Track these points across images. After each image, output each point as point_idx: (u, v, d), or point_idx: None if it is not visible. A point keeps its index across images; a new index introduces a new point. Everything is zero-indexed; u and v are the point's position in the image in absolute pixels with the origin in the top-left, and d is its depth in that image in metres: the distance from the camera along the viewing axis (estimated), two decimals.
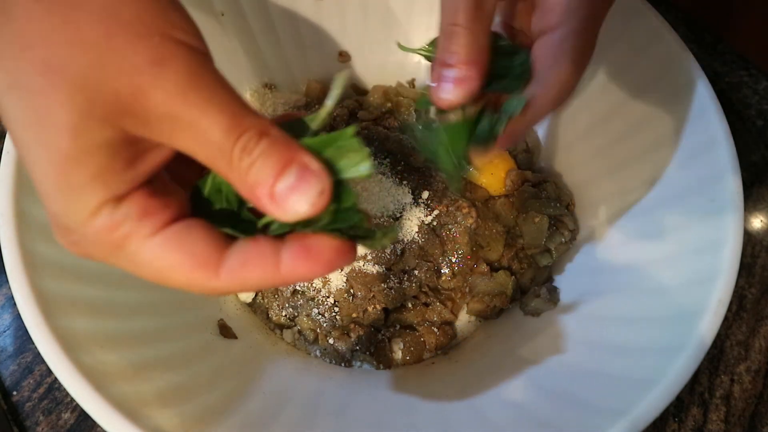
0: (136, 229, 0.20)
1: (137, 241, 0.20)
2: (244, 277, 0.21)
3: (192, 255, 0.20)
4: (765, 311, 0.49)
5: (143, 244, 0.20)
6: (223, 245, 0.21)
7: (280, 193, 0.20)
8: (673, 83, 0.39)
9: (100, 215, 0.19)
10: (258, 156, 0.19)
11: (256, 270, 0.21)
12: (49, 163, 0.19)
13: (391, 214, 0.46)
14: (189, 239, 0.21)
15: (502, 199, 0.48)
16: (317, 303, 0.45)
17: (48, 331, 0.30)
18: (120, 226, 0.20)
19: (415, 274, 0.46)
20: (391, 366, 0.46)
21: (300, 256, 0.21)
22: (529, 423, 0.35)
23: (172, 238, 0.20)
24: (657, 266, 0.39)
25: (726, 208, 0.35)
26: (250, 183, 0.20)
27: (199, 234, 0.21)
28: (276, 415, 0.37)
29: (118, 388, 0.30)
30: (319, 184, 0.20)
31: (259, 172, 0.20)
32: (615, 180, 0.45)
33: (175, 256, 0.20)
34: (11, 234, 0.32)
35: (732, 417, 0.46)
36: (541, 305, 0.45)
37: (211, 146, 0.19)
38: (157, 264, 0.20)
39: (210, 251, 0.21)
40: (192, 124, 0.19)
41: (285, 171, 0.20)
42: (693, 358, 0.32)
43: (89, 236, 0.20)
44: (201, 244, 0.21)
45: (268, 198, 0.20)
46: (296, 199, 0.20)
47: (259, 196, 0.20)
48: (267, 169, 0.20)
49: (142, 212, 0.20)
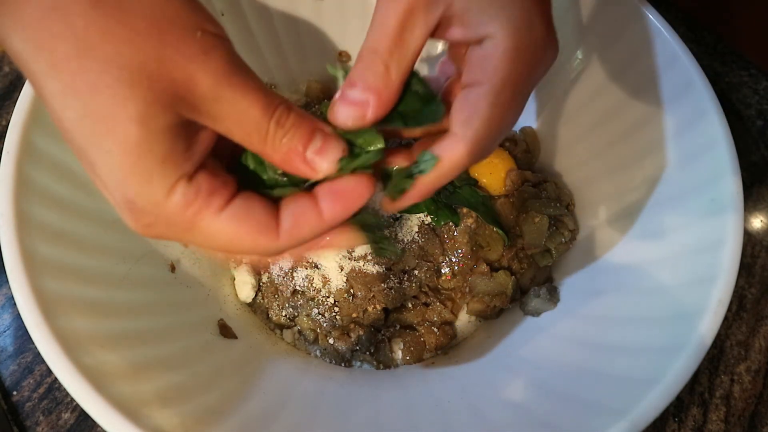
0: (207, 204, 0.22)
1: (209, 215, 0.23)
2: (299, 233, 0.24)
3: (256, 224, 0.23)
4: (765, 311, 0.49)
5: (215, 218, 0.23)
6: (274, 210, 0.24)
7: (311, 157, 0.24)
8: (673, 83, 0.39)
9: (175, 193, 0.22)
10: (290, 127, 0.23)
11: (307, 225, 0.24)
12: (121, 152, 0.20)
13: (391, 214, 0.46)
14: (250, 211, 0.23)
15: (502, 199, 0.48)
16: (317, 303, 0.45)
17: (48, 331, 0.30)
18: (193, 202, 0.22)
19: (415, 274, 0.46)
20: (391, 366, 0.46)
21: (335, 200, 0.24)
22: (529, 423, 0.35)
23: (238, 211, 0.23)
24: (657, 266, 0.39)
25: (726, 208, 0.35)
26: (284, 151, 0.23)
27: (256, 205, 0.24)
28: (276, 415, 0.37)
29: (118, 388, 0.30)
30: (339, 146, 0.24)
31: (291, 141, 0.23)
32: (615, 180, 0.45)
33: (242, 226, 0.23)
34: (11, 234, 0.32)
35: (732, 417, 0.46)
36: (541, 305, 0.45)
37: (249, 123, 0.22)
38: (227, 235, 0.23)
39: (268, 218, 0.24)
40: (235, 104, 0.22)
41: (312, 138, 0.24)
42: (693, 358, 0.32)
43: (165, 215, 0.22)
44: (260, 213, 0.24)
45: (301, 162, 0.24)
46: (322, 160, 0.24)
47: (294, 161, 0.24)
48: (297, 138, 0.23)
49: (211, 189, 0.22)
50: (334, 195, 0.25)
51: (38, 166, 0.34)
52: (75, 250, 0.35)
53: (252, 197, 0.24)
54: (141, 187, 0.21)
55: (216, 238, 0.23)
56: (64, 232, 0.35)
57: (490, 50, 0.25)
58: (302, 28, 0.51)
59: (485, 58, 0.25)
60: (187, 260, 0.45)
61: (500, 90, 0.25)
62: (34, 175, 0.34)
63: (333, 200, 0.25)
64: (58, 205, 0.35)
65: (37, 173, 0.34)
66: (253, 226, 0.23)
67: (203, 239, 0.23)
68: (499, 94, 0.25)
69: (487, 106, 0.25)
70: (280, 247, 0.24)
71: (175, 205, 0.22)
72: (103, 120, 0.20)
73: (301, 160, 0.24)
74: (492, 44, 0.25)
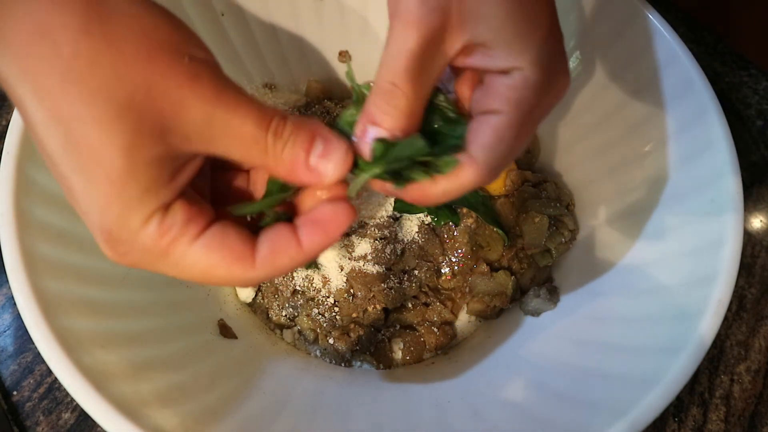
0: (181, 234, 0.22)
1: (183, 245, 0.22)
2: (275, 262, 0.24)
3: (231, 252, 0.23)
4: (765, 311, 0.49)
5: (188, 248, 0.23)
6: (252, 238, 0.24)
7: (315, 163, 0.24)
8: (673, 83, 0.39)
9: (151, 223, 0.22)
10: (288, 136, 0.23)
11: (284, 254, 0.24)
12: (104, 182, 0.20)
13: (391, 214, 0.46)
14: (225, 239, 0.23)
15: (502, 199, 0.48)
16: (317, 303, 0.45)
17: (48, 331, 0.30)
18: (168, 232, 0.22)
19: (415, 274, 0.46)
20: (391, 366, 0.46)
21: (314, 229, 0.24)
22: (529, 423, 0.35)
23: (212, 240, 0.23)
24: (657, 266, 0.39)
25: (726, 208, 0.35)
26: (287, 161, 0.23)
27: (232, 233, 0.23)
28: (276, 415, 0.37)
29: (118, 388, 0.30)
30: (342, 147, 0.24)
31: (292, 149, 0.23)
32: (615, 180, 0.45)
33: (216, 255, 0.23)
34: (11, 234, 0.32)
35: (732, 417, 0.46)
36: (541, 305, 0.45)
37: (246, 139, 0.22)
38: (201, 264, 0.23)
39: (243, 247, 0.24)
40: (228, 125, 0.22)
41: (313, 144, 0.24)
42: (693, 358, 0.32)
43: (140, 245, 0.22)
44: (235, 242, 0.23)
45: (306, 170, 0.24)
46: (327, 163, 0.24)
47: (298, 170, 0.24)
48: (298, 145, 0.23)
49: (186, 218, 0.22)
50: (313, 224, 0.24)
51: (38, 166, 0.34)
52: (75, 250, 0.35)
53: (228, 226, 0.24)
54: (119, 217, 0.21)
55: (190, 268, 0.23)
56: (64, 232, 0.35)
57: (518, 82, 0.25)
58: (302, 28, 0.51)
59: (512, 88, 0.25)
60: None
61: (524, 121, 0.26)
62: (34, 175, 0.34)
63: (312, 230, 0.24)
64: (58, 205, 0.35)
65: (37, 173, 0.34)
66: (228, 254, 0.23)
67: (178, 269, 0.23)
68: (522, 126, 0.26)
69: (511, 136, 0.26)
70: (256, 276, 0.24)
71: (149, 235, 0.22)
72: (87, 150, 0.20)
73: (305, 168, 0.24)
74: (521, 77, 0.25)
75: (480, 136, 0.26)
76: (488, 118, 0.26)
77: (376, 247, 0.45)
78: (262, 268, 0.24)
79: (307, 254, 0.24)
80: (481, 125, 0.26)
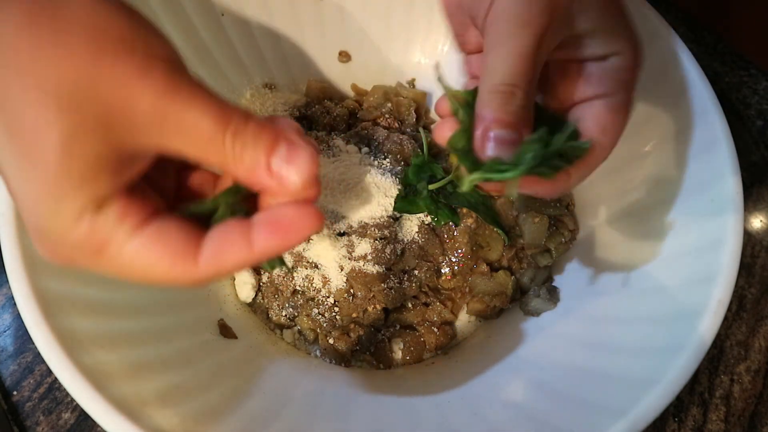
0: (115, 231, 0.21)
1: (117, 243, 0.21)
2: (220, 262, 0.22)
3: (172, 249, 0.22)
4: (765, 311, 0.49)
5: (123, 246, 0.21)
6: (198, 235, 0.23)
7: (277, 167, 0.22)
8: (673, 83, 0.39)
9: (82, 221, 0.21)
10: (250, 137, 0.22)
11: (231, 254, 0.22)
12: (36, 177, 0.20)
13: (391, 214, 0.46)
14: (166, 234, 0.22)
15: (502, 199, 0.48)
16: (317, 303, 0.45)
17: (48, 331, 0.30)
18: (100, 230, 0.21)
19: (415, 274, 0.46)
20: (391, 366, 0.46)
21: (271, 231, 0.22)
22: (529, 423, 0.35)
23: (150, 236, 0.22)
24: (657, 266, 0.39)
25: (726, 208, 0.35)
26: (247, 163, 0.22)
27: (174, 227, 0.22)
28: (276, 415, 0.37)
29: (118, 388, 0.30)
30: (307, 150, 0.22)
31: (253, 152, 0.22)
32: (615, 180, 0.45)
33: (154, 252, 0.22)
34: (11, 234, 0.32)
35: (732, 417, 0.46)
36: (541, 305, 0.45)
37: (202, 138, 0.21)
38: (138, 263, 0.22)
39: (187, 243, 0.22)
40: (181, 121, 0.20)
41: (276, 146, 0.22)
42: (693, 358, 0.32)
43: (72, 241, 0.21)
44: (178, 238, 0.22)
45: (267, 174, 0.22)
46: (290, 169, 0.22)
47: (258, 174, 0.22)
48: (260, 148, 0.22)
49: (122, 213, 0.21)
50: (270, 225, 0.23)
51: None
52: None
53: (171, 220, 0.22)
54: (50, 213, 0.20)
55: (126, 267, 0.22)
56: None
57: (620, 65, 0.28)
58: (302, 28, 0.51)
59: (617, 70, 0.28)
60: None
61: (629, 100, 0.28)
62: None
63: (268, 231, 0.22)
64: None
65: None
66: (168, 251, 0.22)
67: (114, 269, 0.22)
68: (629, 104, 0.28)
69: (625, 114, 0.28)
70: (200, 277, 0.22)
71: (81, 232, 0.21)
72: (24, 144, 0.20)
73: (266, 172, 0.22)
74: (622, 60, 0.28)
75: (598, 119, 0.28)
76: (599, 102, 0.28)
77: (376, 247, 0.45)
78: (206, 268, 0.22)
79: (257, 256, 0.23)
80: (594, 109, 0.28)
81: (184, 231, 0.22)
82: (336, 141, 0.48)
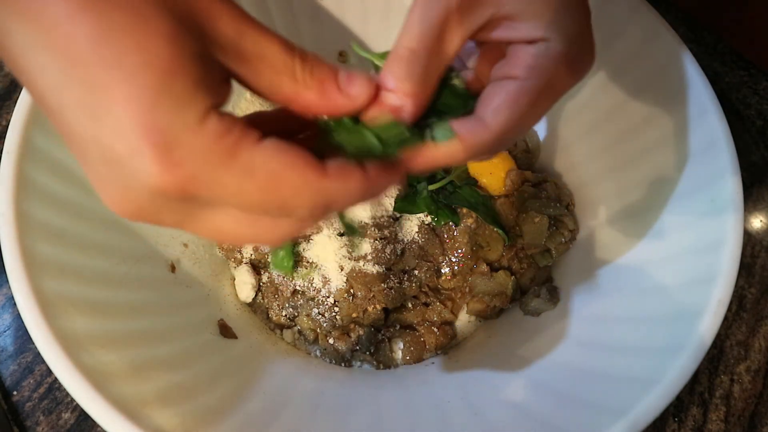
0: (246, 133, 0.20)
1: (250, 144, 0.20)
2: (345, 179, 0.22)
3: (303, 156, 0.21)
4: (765, 311, 0.49)
5: (255, 147, 0.20)
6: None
7: (344, 85, 0.23)
8: (673, 83, 0.39)
9: (210, 120, 0.19)
10: (314, 63, 0.23)
11: (352, 177, 0.22)
12: (150, 74, 0.18)
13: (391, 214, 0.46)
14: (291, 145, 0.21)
15: (502, 199, 0.48)
16: (317, 303, 0.45)
17: (48, 331, 0.30)
18: (231, 130, 0.20)
19: (415, 274, 0.46)
20: (391, 366, 0.46)
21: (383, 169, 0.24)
22: (529, 423, 0.35)
23: (278, 143, 0.21)
24: (657, 266, 0.39)
25: (726, 208, 0.35)
26: (318, 83, 0.23)
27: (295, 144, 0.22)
28: (276, 415, 0.37)
29: (118, 388, 0.30)
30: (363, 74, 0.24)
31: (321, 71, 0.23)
32: (615, 180, 0.45)
33: (287, 155, 0.21)
34: (11, 234, 0.32)
35: (732, 417, 0.46)
36: (541, 305, 0.45)
37: (276, 62, 0.22)
38: (272, 165, 0.20)
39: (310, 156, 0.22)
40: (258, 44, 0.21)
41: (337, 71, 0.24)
42: (693, 358, 0.32)
43: (200, 145, 0.19)
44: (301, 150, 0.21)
45: (337, 91, 0.23)
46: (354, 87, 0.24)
47: (330, 91, 0.23)
48: (325, 71, 0.23)
49: (246, 121, 0.21)
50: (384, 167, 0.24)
51: (38, 166, 0.34)
52: (75, 250, 0.35)
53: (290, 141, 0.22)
54: (173, 113, 0.18)
55: (260, 170, 0.20)
56: (64, 232, 0.35)
57: (542, 51, 0.25)
58: (302, 28, 0.51)
59: (535, 56, 0.25)
60: (187, 260, 0.45)
61: (541, 90, 0.25)
62: (34, 175, 0.34)
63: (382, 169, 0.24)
64: (58, 204, 0.35)
65: (37, 173, 0.34)
66: (300, 156, 0.21)
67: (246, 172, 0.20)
68: (538, 94, 0.25)
69: (525, 102, 0.25)
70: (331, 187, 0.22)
71: (211, 132, 0.19)
72: (126, 36, 0.18)
73: (336, 89, 0.23)
74: (545, 47, 0.25)
75: (492, 98, 0.26)
76: (504, 83, 0.26)
77: (376, 247, 0.45)
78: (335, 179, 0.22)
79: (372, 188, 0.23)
80: (495, 89, 0.26)
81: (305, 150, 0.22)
82: None
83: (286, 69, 0.22)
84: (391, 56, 0.25)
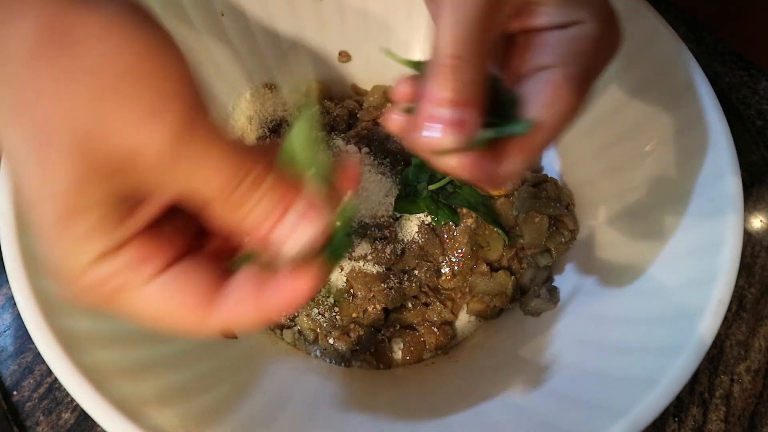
0: (131, 279, 0.20)
1: (135, 288, 0.20)
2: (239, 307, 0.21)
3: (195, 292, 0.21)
4: (765, 311, 0.49)
5: (142, 290, 0.21)
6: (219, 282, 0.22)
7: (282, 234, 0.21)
8: (673, 83, 0.39)
9: (98, 267, 0.20)
10: (260, 199, 0.20)
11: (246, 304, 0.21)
12: (50, 220, 0.19)
13: (391, 214, 0.46)
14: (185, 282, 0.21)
15: (502, 199, 0.48)
16: (317, 303, 0.45)
17: (48, 331, 0.30)
18: (114, 277, 0.20)
19: (415, 274, 0.46)
20: (391, 366, 0.46)
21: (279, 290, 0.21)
22: (529, 423, 0.35)
23: (168, 283, 0.21)
24: (657, 266, 0.39)
25: (726, 208, 0.35)
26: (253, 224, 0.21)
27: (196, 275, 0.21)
28: (276, 415, 0.37)
29: (118, 388, 0.30)
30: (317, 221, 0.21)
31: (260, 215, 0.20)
32: (615, 180, 0.45)
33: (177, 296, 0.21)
34: (11, 234, 0.32)
35: (732, 417, 0.46)
36: (541, 305, 0.45)
37: (210, 194, 0.20)
38: (154, 309, 0.21)
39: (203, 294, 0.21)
40: (191, 175, 0.19)
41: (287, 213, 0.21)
42: (693, 358, 0.32)
43: (86, 285, 0.20)
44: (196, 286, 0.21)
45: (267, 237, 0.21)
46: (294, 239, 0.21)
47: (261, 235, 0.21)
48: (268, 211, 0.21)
49: (140, 258, 0.20)
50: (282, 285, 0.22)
51: None
52: None
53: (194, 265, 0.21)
54: (64, 259, 0.20)
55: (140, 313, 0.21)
56: None
57: (579, 34, 0.24)
58: (302, 28, 0.51)
59: (572, 40, 0.24)
60: None
61: (585, 74, 0.24)
62: None
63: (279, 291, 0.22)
64: None
65: None
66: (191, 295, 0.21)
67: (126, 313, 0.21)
68: (584, 79, 0.24)
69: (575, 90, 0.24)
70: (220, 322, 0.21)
71: (94, 279, 0.20)
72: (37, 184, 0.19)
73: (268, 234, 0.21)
74: (582, 30, 0.24)
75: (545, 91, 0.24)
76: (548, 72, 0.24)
77: (376, 247, 0.45)
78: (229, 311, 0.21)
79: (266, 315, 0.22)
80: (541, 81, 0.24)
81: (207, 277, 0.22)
82: (336, 141, 0.48)
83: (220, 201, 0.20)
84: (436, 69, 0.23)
